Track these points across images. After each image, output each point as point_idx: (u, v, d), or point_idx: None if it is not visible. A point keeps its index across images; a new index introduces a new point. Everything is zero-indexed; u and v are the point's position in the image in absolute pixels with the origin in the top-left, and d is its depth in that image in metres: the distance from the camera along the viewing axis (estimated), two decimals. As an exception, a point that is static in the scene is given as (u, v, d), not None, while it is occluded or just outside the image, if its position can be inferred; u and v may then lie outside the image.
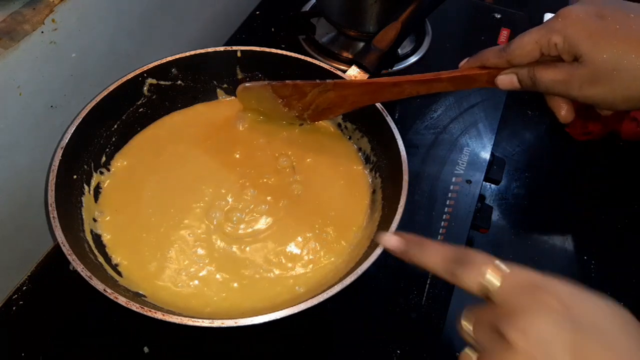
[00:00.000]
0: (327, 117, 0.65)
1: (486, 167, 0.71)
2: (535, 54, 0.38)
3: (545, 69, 0.38)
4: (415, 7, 0.71)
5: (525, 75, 0.40)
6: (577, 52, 0.36)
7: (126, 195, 0.60)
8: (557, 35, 0.36)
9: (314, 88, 0.60)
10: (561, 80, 0.37)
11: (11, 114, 0.53)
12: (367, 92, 0.57)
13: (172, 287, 0.53)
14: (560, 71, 0.37)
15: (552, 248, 0.71)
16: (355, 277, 0.46)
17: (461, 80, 0.48)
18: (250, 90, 0.66)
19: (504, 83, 0.42)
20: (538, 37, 0.37)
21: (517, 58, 0.40)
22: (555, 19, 0.37)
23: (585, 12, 0.36)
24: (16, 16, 0.52)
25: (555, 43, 0.36)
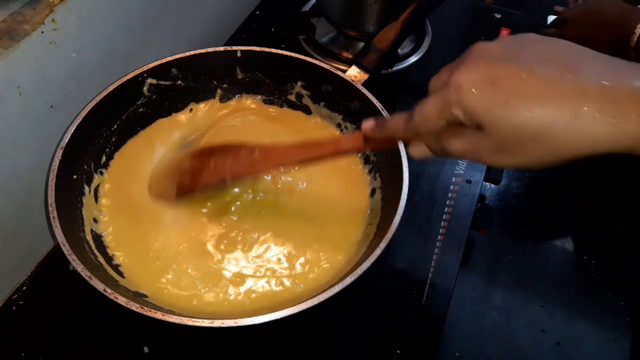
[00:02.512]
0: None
1: (486, 167, 0.71)
2: (441, 123, 0.36)
3: (452, 138, 0.36)
4: (415, 7, 0.72)
5: (434, 145, 0.39)
6: (479, 124, 0.33)
7: (127, 196, 0.60)
8: (457, 109, 0.34)
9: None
10: (470, 150, 0.35)
11: (11, 114, 0.53)
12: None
13: (174, 288, 0.53)
14: (468, 141, 0.35)
15: (552, 248, 0.71)
16: (355, 277, 0.46)
17: (363, 149, 0.48)
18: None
19: (417, 154, 0.41)
20: (438, 109, 0.35)
21: (424, 131, 0.38)
22: (449, 89, 0.34)
23: (477, 81, 0.33)
24: (16, 16, 0.52)
25: (455, 115, 0.34)
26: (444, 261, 0.62)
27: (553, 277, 0.68)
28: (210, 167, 0.56)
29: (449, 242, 0.64)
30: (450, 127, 0.36)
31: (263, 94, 0.72)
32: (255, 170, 0.55)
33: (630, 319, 0.64)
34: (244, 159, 0.55)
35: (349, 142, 0.48)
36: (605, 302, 0.66)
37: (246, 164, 0.54)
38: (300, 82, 0.69)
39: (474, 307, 0.64)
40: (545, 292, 0.66)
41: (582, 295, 0.67)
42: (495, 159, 0.35)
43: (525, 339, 0.62)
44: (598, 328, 0.64)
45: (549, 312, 0.64)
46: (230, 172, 0.55)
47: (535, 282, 0.67)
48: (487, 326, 0.62)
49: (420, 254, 0.63)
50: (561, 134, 0.31)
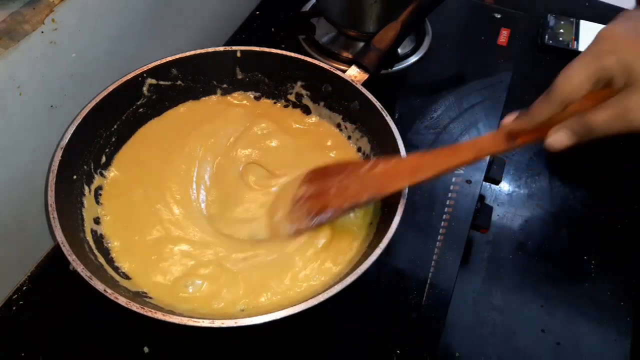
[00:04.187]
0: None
1: (486, 167, 0.71)
2: (587, 83, 0.34)
3: (596, 112, 0.34)
4: (415, 7, 0.72)
5: (577, 126, 0.36)
6: (632, 75, 0.32)
7: (127, 196, 0.60)
8: (609, 57, 0.32)
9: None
10: (618, 115, 0.33)
11: (11, 114, 0.53)
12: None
13: (178, 288, 0.53)
14: (615, 106, 0.33)
15: (551, 248, 0.71)
16: (355, 277, 0.46)
17: (508, 147, 0.43)
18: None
19: (556, 142, 0.38)
20: (585, 64, 0.34)
21: (568, 94, 0.35)
22: (598, 42, 0.33)
23: (631, 31, 0.32)
24: (16, 16, 0.52)
25: (608, 65, 0.33)
26: (444, 261, 0.62)
27: (553, 277, 0.68)
28: (331, 190, 0.53)
29: (449, 242, 0.64)
30: (593, 102, 0.34)
31: (263, 93, 0.72)
32: (388, 188, 0.50)
33: (631, 319, 0.64)
34: (370, 178, 0.51)
35: (489, 142, 0.44)
36: (605, 302, 0.66)
37: (375, 183, 0.50)
38: (300, 82, 0.69)
39: (474, 307, 0.64)
40: (545, 292, 0.66)
41: (582, 295, 0.67)
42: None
43: (525, 339, 0.62)
44: (598, 328, 0.64)
45: (549, 312, 0.64)
46: (362, 194, 0.51)
47: (535, 282, 0.67)
48: (487, 326, 0.62)
49: (420, 254, 0.63)
50: None
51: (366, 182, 0.51)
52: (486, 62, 0.87)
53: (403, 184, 0.50)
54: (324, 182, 0.54)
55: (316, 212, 0.54)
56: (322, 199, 0.54)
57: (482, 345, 0.61)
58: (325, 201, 0.53)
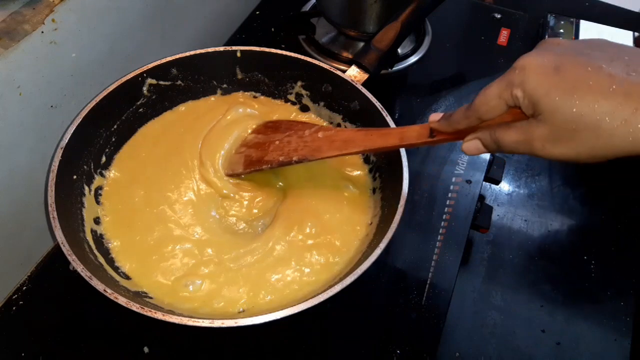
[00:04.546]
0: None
1: (486, 167, 0.71)
2: (501, 107, 0.37)
3: (505, 130, 0.37)
4: (415, 7, 0.72)
5: (488, 139, 0.39)
6: (537, 109, 0.34)
7: (127, 196, 0.60)
8: (519, 89, 0.35)
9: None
10: (523, 140, 0.36)
11: (11, 114, 0.53)
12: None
13: (178, 288, 0.53)
14: (521, 131, 0.36)
15: (551, 248, 0.71)
16: (355, 277, 0.46)
17: (429, 142, 0.47)
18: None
19: (470, 149, 0.41)
20: (500, 90, 0.36)
21: (484, 114, 0.38)
22: (514, 71, 0.35)
23: (542, 66, 0.34)
24: (16, 16, 0.52)
25: (517, 97, 0.35)
26: (444, 261, 0.62)
27: (553, 277, 0.68)
28: (275, 143, 0.57)
29: (449, 242, 0.64)
30: (504, 123, 0.37)
31: (263, 93, 0.72)
32: (320, 153, 0.54)
33: (630, 319, 0.64)
34: (309, 141, 0.55)
35: (414, 134, 0.47)
36: (605, 302, 0.66)
37: (311, 146, 0.55)
38: (300, 82, 0.69)
39: (474, 307, 0.64)
40: (545, 292, 0.66)
41: (582, 295, 0.67)
42: (547, 149, 0.35)
43: (525, 339, 0.62)
44: (598, 328, 0.63)
45: (549, 312, 0.64)
46: (296, 153, 0.55)
47: (535, 282, 0.67)
48: (487, 326, 0.62)
49: (420, 254, 0.63)
50: (618, 129, 0.31)
51: (304, 143, 0.55)
52: (486, 62, 0.87)
53: (333, 153, 0.53)
54: (272, 135, 0.59)
55: (253, 160, 0.59)
56: (262, 149, 0.58)
57: (482, 345, 0.61)
58: (265, 152, 0.58)
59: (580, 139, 0.33)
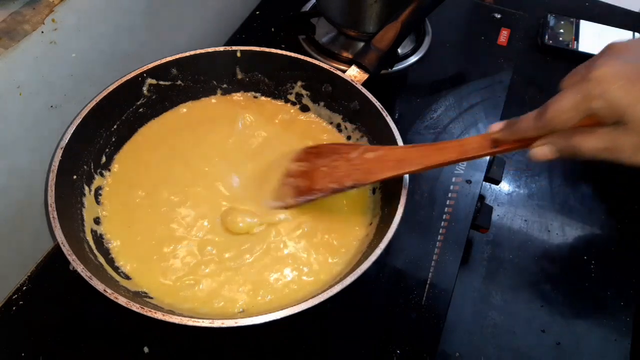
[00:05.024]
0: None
1: (486, 167, 0.71)
2: (575, 120, 0.36)
3: (585, 137, 0.36)
4: (415, 7, 0.72)
5: (563, 145, 0.38)
6: (624, 119, 0.33)
7: (127, 196, 0.60)
8: (599, 101, 0.34)
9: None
10: (607, 148, 0.35)
11: (11, 114, 0.53)
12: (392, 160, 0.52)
13: (178, 288, 0.53)
14: (604, 139, 0.35)
15: (551, 248, 0.71)
16: (355, 277, 0.46)
17: (491, 153, 0.46)
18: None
19: (540, 155, 0.40)
20: (576, 102, 0.35)
21: (558, 125, 0.37)
22: (590, 82, 0.34)
23: (621, 76, 0.33)
24: (16, 16, 0.52)
25: (598, 109, 0.34)
26: (444, 261, 0.62)
27: (553, 277, 0.68)
28: (321, 170, 0.55)
29: (449, 242, 0.64)
30: (582, 127, 0.36)
31: (263, 93, 0.72)
32: (373, 176, 0.52)
33: (630, 319, 0.64)
34: (358, 163, 0.53)
35: (475, 145, 0.46)
36: (605, 302, 0.66)
37: (362, 169, 0.52)
38: (300, 82, 0.69)
39: (474, 307, 0.64)
40: (545, 292, 0.66)
41: (582, 295, 0.67)
42: (636, 157, 0.35)
43: (525, 339, 0.62)
44: (598, 328, 0.64)
45: (549, 312, 0.64)
46: (348, 178, 0.52)
47: (535, 282, 0.67)
48: (487, 326, 0.62)
49: (420, 254, 0.63)
50: None
51: (354, 167, 0.53)
52: (486, 62, 0.87)
53: (388, 174, 0.51)
54: (316, 161, 0.56)
55: (303, 189, 0.56)
56: (310, 178, 0.56)
57: (482, 345, 0.61)
58: (313, 180, 0.55)
59: None
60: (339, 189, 0.54)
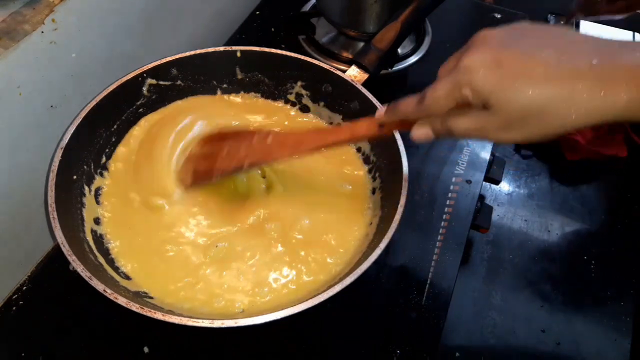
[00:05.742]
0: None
1: (486, 167, 0.71)
2: (448, 105, 0.39)
3: (458, 118, 0.40)
4: (415, 7, 0.72)
5: (439, 126, 0.42)
6: (487, 103, 0.37)
7: (127, 196, 0.60)
8: (466, 88, 0.37)
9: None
10: (476, 129, 0.39)
11: (11, 114, 0.53)
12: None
13: (178, 288, 0.53)
14: (473, 120, 0.39)
15: (551, 248, 0.71)
16: (355, 277, 0.46)
17: (378, 134, 0.49)
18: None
19: (419, 136, 0.43)
20: (449, 90, 0.38)
21: (434, 110, 0.41)
22: (459, 71, 0.38)
23: (485, 64, 0.36)
24: (16, 16, 0.52)
25: (466, 95, 0.37)
26: (444, 261, 0.62)
27: (553, 277, 0.68)
28: (223, 153, 0.57)
29: (449, 242, 0.64)
30: (455, 109, 0.39)
31: (263, 93, 0.72)
32: (271, 157, 0.55)
33: (631, 319, 0.64)
34: (258, 146, 0.55)
35: (363, 127, 0.49)
36: (605, 302, 0.66)
37: (262, 151, 0.55)
38: (300, 82, 0.69)
39: (474, 307, 0.64)
40: (545, 292, 0.66)
41: (582, 295, 0.67)
42: (500, 135, 0.39)
43: (525, 339, 0.62)
44: (598, 328, 0.64)
45: (549, 312, 0.64)
46: (247, 159, 0.55)
47: (535, 282, 0.67)
48: (487, 326, 0.62)
49: (420, 254, 0.63)
50: (560, 110, 0.35)
51: (254, 149, 0.55)
52: (486, 62, 0.87)
53: (285, 154, 0.54)
54: (219, 145, 0.58)
55: (202, 171, 0.58)
56: (211, 160, 0.58)
57: (482, 345, 0.61)
58: (213, 162, 0.57)
59: (530, 124, 0.36)
60: (237, 168, 0.56)
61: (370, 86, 0.64)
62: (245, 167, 0.55)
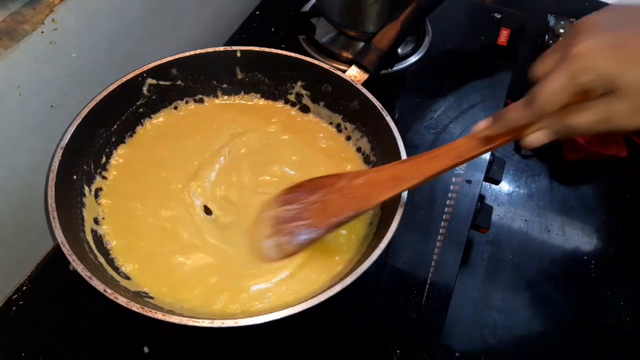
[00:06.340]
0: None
1: (486, 167, 0.71)
2: (565, 99, 0.36)
3: (578, 114, 0.37)
4: (415, 7, 0.72)
5: (557, 127, 0.38)
6: (614, 86, 0.34)
7: (127, 196, 0.60)
8: (588, 74, 0.34)
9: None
10: (603, 119, 0.36)
11: (11, 114, 0.53)
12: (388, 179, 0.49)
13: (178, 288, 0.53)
14: (597, 110, 0.36)
15: (552, 248, 0.71)
16: (355, 277, 0.46)
17: (485, 151, 0.45)
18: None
19: (535, 141, 0.40)
20: (564, 82, 0.36)
21: (550, 108, 0.37)
22: (575, 59, 0.35)
23: (601, 47, 0.34)
24: (16, 16, 0.52)
25: (588, 82, 0.35)
26: (444, 261, 0.62)
27: (553, 277, 0.68)
28: (315, 207, 0.51)
29: (449, 242, 0.64)
30: (572, 105, 0.37)
31: (263, 94, 0.72)
32: (373, 200, 0.49)
33: (631, 318, 0.64)
34: (350, 192, 0.50)
35: (467, 146, 0.45)
36: (605, 302, 0.66)
37: (359, 197, 0.49)
38: (300, 82, 0.69)
39: (474, 307, 0.64)
40: (545, 292, 0.66)
41: (582, 295, 0.67)
42: (631, 121, 0.35)
43: (526, 339, 0.62)
44: (598, 328, 0.64)
45: (549, 312, 0.64)
46: (348, 208, 0.49)
47: (535, 282, 0.67)
48: (487, 326, 0.62)
49: (420, 254, 0.63)
50: None
51: (349, 195, 0.50)
52: (486, 62, 0.87)
53: (387, 195, 0.49)
54: (304, 199, 0.53)
55: (301, 232, 0.52)
56: (305, 218, 0.52)
57: (482, 345, 0.61)
58: (309, 220, 0.51)
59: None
60: (340, 222, 0.50)
61: (370, 86, 0.64)
62: (350, 218, 0.49)
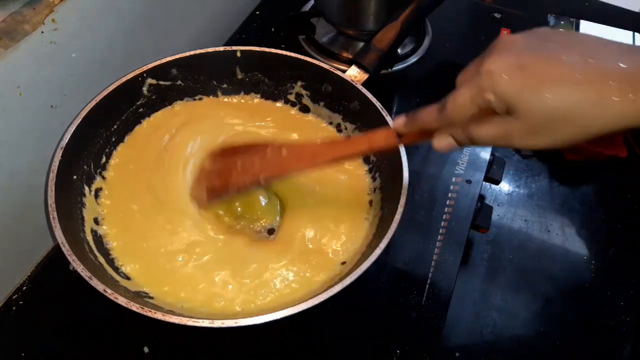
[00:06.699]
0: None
1: (486, 167, 0.71)
2: (471, 112, 0.38)
3: (480, 126, 0.39)
4: (415, 6, 0.72)
5: (460, 135, 0.41)
6: (511, 108, 0.36)
7: (127, 196, 0.60)
8: (490, 93, 0.36)
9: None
10: (500, 135, 0.38)
11: (11, 114, 0.53)
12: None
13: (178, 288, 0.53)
14: (496, 127, 0.38)
15: (552, 248, 0.71)
16: (355, 277, 0.46)
17: (397, 144, 0.48)
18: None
19: (442, 146, 0.42)
20: (471, 96, 0.38)
21: (457, 117, 0.40)
22: (481, 76, 0.37)
23: (508, 68, 0.35)
24: (16, 16, 0.52)
25: (489, 100, 0.36)
26: (444, 261, 0.62)
27: (553, 277, 0.68)
28: (237, 168, 0.56)
29: (449, 242, 0.64)
30: (477, 116, 0.38)
31: (263, 94, 0.72)
32: (287, 170, 0.53)
33: (631, 319, 0.64)
34: (273, 159, 0.54)
35: (381, 137, 0.48)
36: (605, 302, 0.66)
37: (277, 164, 0.53)
38: (300, 82, 0.69)
39: (474, 307, 0.64)
40: (545, 292, 0.66)
41: (582, 295, 0.67)
42: (525, 141, 0.37)
43: (525, 339, 0.62)
44: (598, 328, 0.64)
45: (549, 312, 0.64)
46: (262, 173, 0.54)
47: (535, 282, 0.67)
48: (487, 326, 0.62)
49: (420, 254, 0.63)
50: (588, 113, 0.34)
51: (269, 162, 0.54)
52: (486, 62, 0.87)
53: (302, 166, 0.53)
54: (231, 159, 0.57)
55: (217, 187, 0.57)
56: (225, 176, 0.57)
57: (482, 345, 0.61)
58: (227, 178, 0.56)
59: (556, 128, 0.35)
60: (253, 183, 0.55)
61: (370, 86, 0.64)
62: (262, 182, 0.54)
